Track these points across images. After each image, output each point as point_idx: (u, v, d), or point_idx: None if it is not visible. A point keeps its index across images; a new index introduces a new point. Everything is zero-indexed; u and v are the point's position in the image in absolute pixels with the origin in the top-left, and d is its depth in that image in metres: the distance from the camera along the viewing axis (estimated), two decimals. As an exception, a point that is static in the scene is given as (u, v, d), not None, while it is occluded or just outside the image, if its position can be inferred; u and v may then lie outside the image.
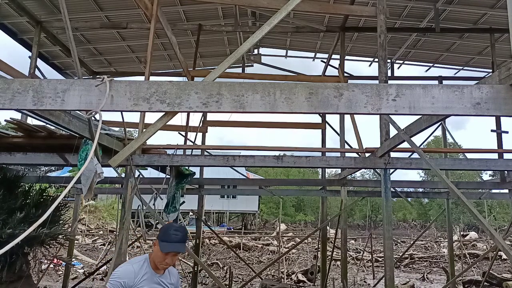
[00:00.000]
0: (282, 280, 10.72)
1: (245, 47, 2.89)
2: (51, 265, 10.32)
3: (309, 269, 11.50)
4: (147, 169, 7.09)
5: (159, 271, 2.63)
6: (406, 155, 6.31)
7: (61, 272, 11.23)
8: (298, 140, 72.54)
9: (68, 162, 5.03)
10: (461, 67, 10.16)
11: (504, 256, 14.57)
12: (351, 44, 9.48)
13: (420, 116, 3.31)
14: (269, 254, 16.25)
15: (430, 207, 38.95)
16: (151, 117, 7.16)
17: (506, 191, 8.98)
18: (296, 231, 29.57)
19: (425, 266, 14.73)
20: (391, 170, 5.09)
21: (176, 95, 2.25)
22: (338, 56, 8.09)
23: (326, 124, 8.89)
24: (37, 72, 7.60)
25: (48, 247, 5.80)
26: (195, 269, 8.61)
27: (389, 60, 9.71)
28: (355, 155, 5.73)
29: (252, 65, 11.15)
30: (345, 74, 7.94)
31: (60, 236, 5.77)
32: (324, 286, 8.85)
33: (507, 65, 2.12)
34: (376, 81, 5.99)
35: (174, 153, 5.47)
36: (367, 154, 5.34)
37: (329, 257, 9.04)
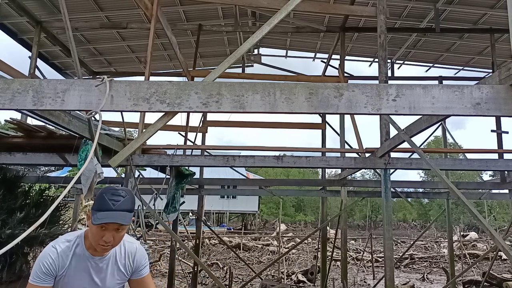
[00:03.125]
0: (282, 280, 10.72)
1: (245, 47, 2.89)
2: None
3: (309, 269, 11.49)
4: (145, 169, 7.09)
5: (97, 252, 1.93)
6: (406, 155, 6.31)
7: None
8: (298, 140, 72.60)
9: (68, 162, 5.03)
10: (461, 67, 10.17)
11: (504, 256, 14.57)
12: (351, 44, 9.48)
13: (420, 116, 3.31)
14: (269, 255, 16.24)
15: (430, 207, 38.97)
16: (151, 117, 7.17)
17: (506, 191, 8.98)
18: (296, 231, 29.57)
19: (425, 267, 14.72)
20: (391, 170, 5.08)
21: (176, 95, 2.25)
22: (338, 56, 8.09)
23: (326, 124, 8.89)
24: (37, 72, 7.60)
25: (48, 247, 5.79)
26: (195, 269, 8.61)
27: (389, 60, 9.72)
28: (355, 155, 5.73)
29: (252, 65, 11.15)
30: (345, 74, 7.94)
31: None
32: (324, 286, 8.85)
33: (507, 65, 2.12)
34: (376, 81, 5.99)
35: (174, 153, 5.46)
36: (367, 154, 5.34)
37: (329, 257, 9.04)
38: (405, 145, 4.06)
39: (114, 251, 2.00)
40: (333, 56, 9.14)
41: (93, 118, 3.09)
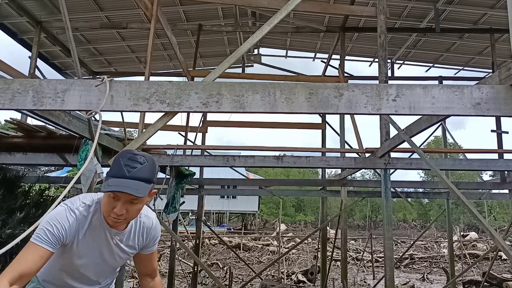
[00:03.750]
0: (282, 280, 10.72)
1: (245, 47, 2.89)
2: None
3: (309, 269, 11.49)
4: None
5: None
6: (406, 155, 6.30)
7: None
8: (298, 140, 72.61)
9: (68, 162, 5.03)
10: (461, 67, 10.17)
11: (504, 256, 14.57)
12: (351, 44, 9.48)
13: (420, 116, 3.31)
14: (269, 255, 16.24)
15: (430, 208, 38.99)
16: (151, 117, 7.17)
17: (506, 191, 8.98)
18: (296, 232, 29.57)
19: (425, 267, 14.72)
20: (391, 170, 5.08)
21: (176, 95, 2.25)
22: (338, 56, 8.09)
23: (326, 124, 8.89)
24: (37, 72, 7.60)
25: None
26: (195, 269, 8.61)
27: (389, 60, 9.71)
28: (355, 155, 5.72)
29: (252, 65, 11.15)
30: (345, 74, 7.94)
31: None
32: (324, 286, 8.85)
33: (507, 65, 2.12)
34: (376, 81, 5.99)
35: (174, 153, 5.46)
36: (367, 154, 5.34)
37: (329, 257, 9.04)
38: (405, 145, 4.06)
39: (131, 225, 1.78)
40: (333, 56, 9.14)
41: (93, 118, 3.09)
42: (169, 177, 6.31)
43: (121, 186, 1.55)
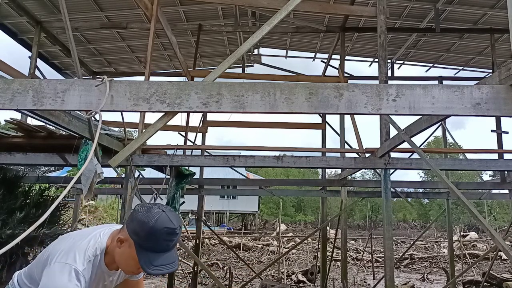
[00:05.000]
0: (282, 280, 10.72)
1: (245, 47, 2.89)
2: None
3: (309, 269, 11.49)
4: (145, 169, 7.09)
5: (114, 267, 1.74)
6: (406, 155, 6.30)
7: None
8: (298, 140, 72.62)
9: (68, 162, 5.03)
10: (461, 67, 10.17)
11: (504, 257, 14.57)
12: (351, 44, 9.48)
13: (420, 116, 3.31)
14: (269, 255, 16.24)
15: (430, 208, 38.99)
16: (151, 117, 7.17)
17: (506, 191, 8.98)
18: (296, 232, 29.57)
19: (425, 267, 14.72)
20: (391, 171, 5.08)
21: (176, 95, 2.25)
22: (338, 56, 8.09)
23: (326, 124, 8.89)
24: (37, 72, 7.60)
25: (48, 247, 5.78)
26: (195, 269, 8.61)
27: (389, 60, 9.72)
28: (355, 155, 5.72)
29: (252, 65, 11.15)
30: (345, 74, 7.94)
31: (60, 236, 5.76)
32: (324, 286, 8.85)
33: (507, 66, 2.12)
34: (376, 81, 5.99)
35: (174, 153, 5.46)
36: (367, 154, 5.34)
37: (329, 257, 9.04)
38: (405, 145, 4.06)
39: None
40: (333, 56, 9.15)
41: (93, 118, 3.09)
42: (169, 177, 6.31)
43: (169, 265, 1.56)
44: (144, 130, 4.27)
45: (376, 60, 9.22)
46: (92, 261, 1.64)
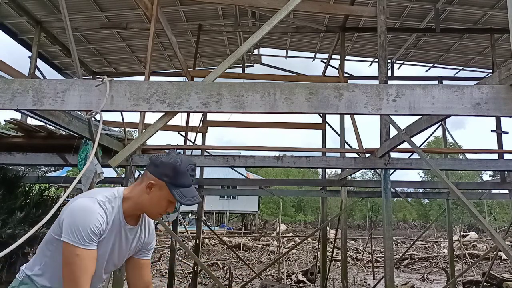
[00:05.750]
0: (282, 280, 10.72)
1: (245, 47, 2.89)
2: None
3: (309, 269, 11.49)
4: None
5: (133, 221, 1.78)
6: (406, 155, 6.30)
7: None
8: (298, 140, 72.63)
9: (68, 162, 5.03)
10: (461, 67, 10.17)
11: (504, 257, 14.57)
12: (351, 44, 9.48)
13: (420, 116, 3.31)
14: (269, 255, 16.24)
15: (430, 208, 38.99)
16: (151, 117, 7.17)
17: (506, 191, 8.98)
18: (296, 232, 29.57)
19: (425, 267, 14.72)
20: (391, 171, 5.08)
21: (176, 95, 2.25)
22: (338, 56, 8.09)
23: (326, 124, 8.89)
24: (37, 72, 7.60)
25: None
26: (195, 269, 8.61)
27: (389, 60, 9.72)
28: (355, 155, 5.72)
29: (252, 65, 11.15)
30: (345, 74, 7.94)
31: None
32: (324, 286, 8.85)
33: (507, 66, 2.12)
34: (376, 81, 5.99)
35: (174, 153, 5.45)
36: (367, 155, 5.34)
37: (329, 257, 9.04)
38: (405, 145, 4.06)
39: (141, 222, 1.85)
40: (333, 56, 9.15)
41: (93, 118, 3.09)
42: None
43: (196, 197, 1.71)
44: (144, 130, 4.27)
45: (376, 60, 9.22)
46: (114, 204, 1.70)
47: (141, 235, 1.87)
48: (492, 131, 8.35)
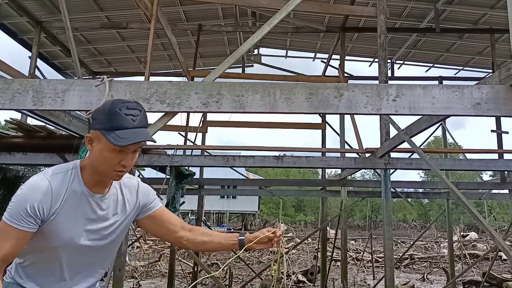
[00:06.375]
0: (282, 280, 10.71)
1: (245, 47, 2.89)
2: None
3: (309, 269, 11.49)
4: (144, 169, 7.08)
5: (100, 188, 1.56)
6: (406, 155, 6.30)
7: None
8: (298, 140, 72.64)
9: (68, 162, 5.02)
10: (461, 67, 10.16)
11: (504, 257, 14.57)
12: (351, 44, 9.48)
13: (420, 116, 3.31)
14: (269, 255, 16.23)
15: (430, 208, 39.01)
16: (151, 117, 7.15)
17: (506, 191, 8.98)
18: (296, 232, 29.57)
19: (425, 267, 14.71)
20: (391, 171, 5.09)
21: (176, 95, 2.25)
22: (338, 56, 8.09)
23: (326, 124, 8.89)
24: (37, 72, 7.60)
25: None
26: (195, 269, 8.61)
27: (389, 60, 9.71)
28: (355, 155, 5.73)
29: (252, 66, 11.15)
30: (345, 74, 7.94)
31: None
32: (324, 286, 8.85)
33: (507, 66, 2.12)
34: (376, 82, 5.98)
35: (174, 153, 5.46)
36: (367, 155, 5.34)
37: (329, 257, 9.04)
38: (405, 145, 4.06)
39: (115, 188, 1.63)
40: (333, 56, 9.14)
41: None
42: (169, 177, 6.31)
43: (137, 136, 1.45)
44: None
45: (376, 60, 9.22)
46: (68, 175, 1.52)
47: (126, 199, 1.65)
48: (492, 131, 8.35)
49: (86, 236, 1.54)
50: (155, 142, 1.51)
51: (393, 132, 4.43)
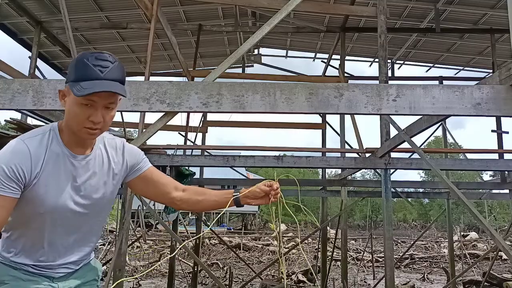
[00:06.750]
0: (282, 280, 10.72)
1: (245, 47, 2.88)
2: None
3: (309, 269, 11.49)
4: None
5: (81, 149, 1.46)
6: (406, 155, 6.30)
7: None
8: (298, 140, 72.63)
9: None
10: (461, 68, 10.16)
11: (504, 256, 14.57)
12: (352, 44, 9.48)
13: (420, 116, 3.31)
14: (269, 254, 16.24)
15: (430, 208, 39.00)
16: (151, 117, 7.17)
17: (507, 191, 8.97)
18: (296, 231, 29.55)
19: (426, 267, 14.71)
20: (392, 171, 5.08)
21: (176, 95, 2.25)
22: (338, 56, 8.09)
23: (326, 124, 8.89)
24: (37, 72, 7.60)
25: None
26: (195, 269, 8.61)
27: (389, 61, 9.71)
28: (355, 155, 5.72)
29: (253, 65, 11.15)
30: (346, 74, 7.94)
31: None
32: (324, 286, 8.85)
33: (507, 66, 2.12)
34: (377, 82, 5.99)
35: (174, 153, 5.46)
36: (367, 155, 5.34)
37: (330, 257, 9.04)
38: (405, 145, 4.06)
39: (99, 148, 1.52)
40: (333, 56, 9.14)
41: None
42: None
43: (101, 86, 1.30)
44: (144, 130, 4.27)
45: (376, 60, 9.22)
46: (46, 136, 1.42)
47: (111, 160, 1.55)
48: (492, 131, 8.35)
49: (72, 199, 1.46)
50: (125, 96, 1.36)
51: (393, 132, 4.43)
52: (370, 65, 10.51)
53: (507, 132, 8.30)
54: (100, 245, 17.68)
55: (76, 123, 1.37)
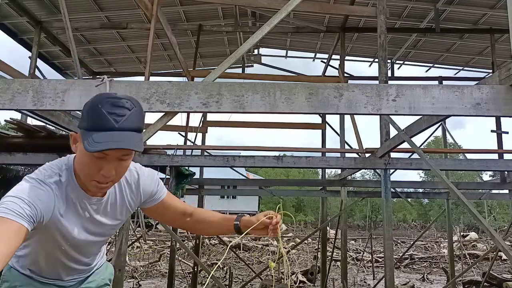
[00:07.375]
0: (282, 280, 10.71)
1: (245, 47, 2.89)
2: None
3: (309, 269, 11.49)
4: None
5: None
6: (406, 155, 6.31)
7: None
8: (298, 140, 72.66)
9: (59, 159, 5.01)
10: (461, 68, 10.17)
11: (504, 257, 14.57)
12: (351, 44, 9.48)
13: (420, 117, 3.31)
14: (269, 255, 16.24)
15: (430, 208, 39.01)
16: (151, 117, 7.16)
17: (506, 191, 8.98)
18: (296, 232, 29.56)
19: (425, 267, 14.71)
20: (391, 171, 5.08)
21: (176, 95, 2.25)
22: (338, 57, 8.09)
23: (326, 124, 8.89)
24: (37, 72, 7.60)
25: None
26: (195, 269, 8.61)
27: (389, 61, 9.71)
28: (355, 155, 5.72)
29: (252, 66, 11.15)
30: (345, 75, 7.94)
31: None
32: (324, 286, 8.85)
33: (507, 66, 2.12)
34: (376, 82, 5.99)
35: (174, 153, 5.46)
36: (367, 155, 5.34)
37: (329, 257, 9.04)
38: (405, 145, 4.06)
39: (114, 187, 1.45)
40: (333, 56, 9.15)
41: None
42: (169, 177, 6.31)
43: (114, 142, 1.18)
44: (144, 130, 4.27)
45: (376, 60, 9.22)
46: (62, 176, 1.33)
47: (127, 201, 1.51)
48: (492, 131, 8.35)
49: (89, 232, 1.46)
50: (140, 151, 1.25)
51: (393, 132, 4.43)
52: (370, 65, 10.51)
53: (507, 132, 8.30)
54: (100, 245, 17.68)
55: (85, 175, 1.29)
